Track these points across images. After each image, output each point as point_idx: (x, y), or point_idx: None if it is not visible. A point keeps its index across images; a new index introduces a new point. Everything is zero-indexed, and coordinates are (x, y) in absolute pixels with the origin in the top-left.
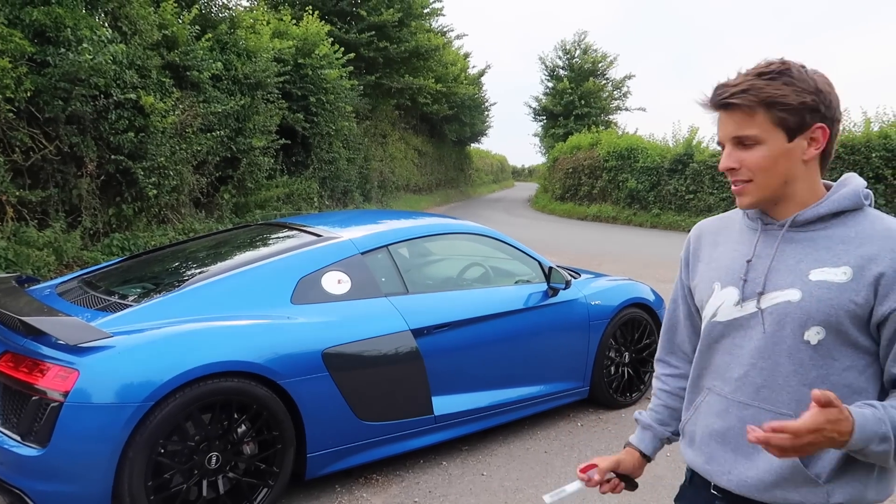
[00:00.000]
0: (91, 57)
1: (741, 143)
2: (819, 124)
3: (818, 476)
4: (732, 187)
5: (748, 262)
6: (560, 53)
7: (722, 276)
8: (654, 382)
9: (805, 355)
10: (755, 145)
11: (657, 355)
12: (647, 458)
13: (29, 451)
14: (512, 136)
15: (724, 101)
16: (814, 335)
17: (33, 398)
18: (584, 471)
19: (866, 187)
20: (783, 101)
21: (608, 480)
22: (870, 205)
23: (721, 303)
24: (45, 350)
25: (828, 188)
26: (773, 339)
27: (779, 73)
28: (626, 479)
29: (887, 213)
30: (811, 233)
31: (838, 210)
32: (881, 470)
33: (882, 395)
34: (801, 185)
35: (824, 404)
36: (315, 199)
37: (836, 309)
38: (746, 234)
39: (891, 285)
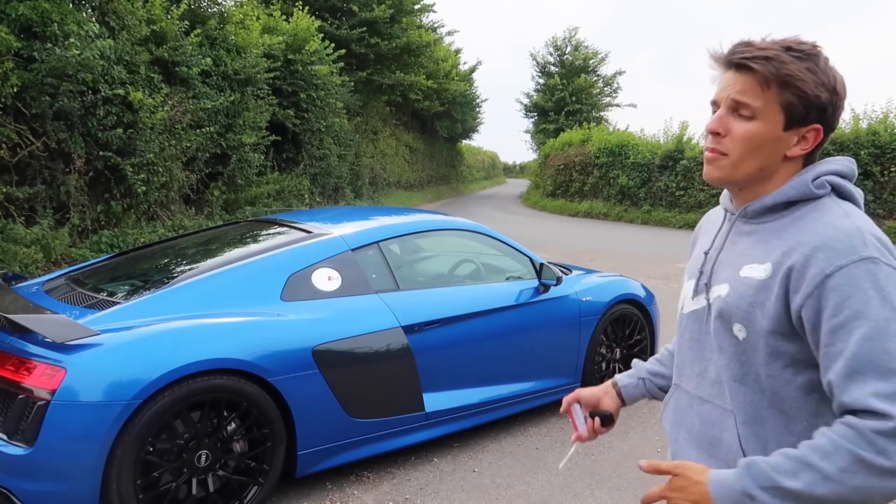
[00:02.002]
0: (78, 52)
1: (737, 110)
2: (816, 125)
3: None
4: (706, 153)
5: (705, 253)
6: (551, 50)
7: (690, 268)
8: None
9: (736, 350)
10: (751, 118)
11: None
12: (623, 402)
13: (15, 450)
14: (503, 132)
15: (743, 60)
16: (739, 331)
17: (20, 397)
18: (569, 413)
19: (837, 175)
20: (801, 86)
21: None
22: (830, 193)
23: (685, 295)
24: (32, 348)
25: None
26: (714, 334)
27: (807, 55)
28: (602, 416)
29: (876, 209)
30: (761, 225)
31: (784, 200)
32: None
33: (822, 407)
34: (776, 180)
35: (650, 471)
36: (306, 196)
37: (753, 307)
38: (717, 225)
39: (798, 281)
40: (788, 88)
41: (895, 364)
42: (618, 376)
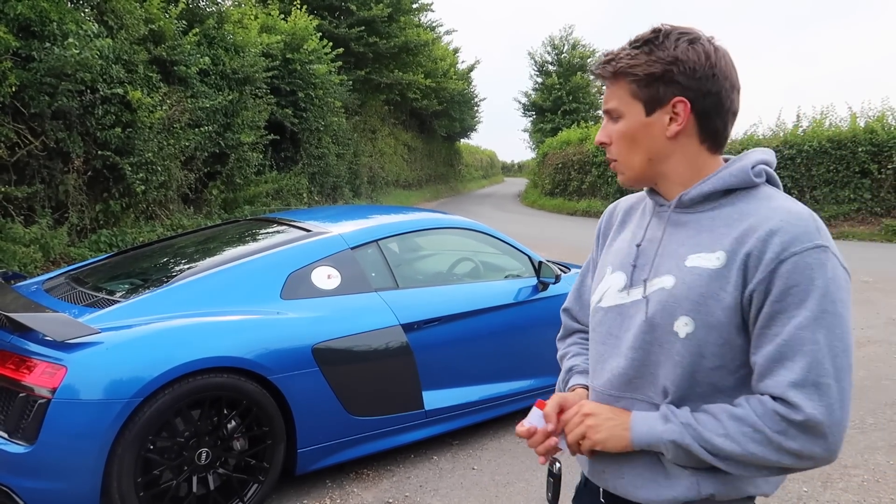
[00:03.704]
0: (77, 52)
1: (609, 115)
2: (679, 98)
3: (686, 466)
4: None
5: (638, 246)
6: (548, 49)
7: (615, 260)
8: (573, 349)
9: (673, 348)
10: (619, 118)
11: (566, 334)
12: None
13: (16, 448)
14: (501, 131)
15: (593, 72)
16: (682, 326)
17: (20, 395)
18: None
19: (766, 164)
20: (632, 71)
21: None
22: (765, 181)
23: (608, 287)
24: (33, 346)
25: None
26: (648, 328)
27: (645, 41)
28: None
29: (874, 207)
30: (699, 214)
31: (724, 188)
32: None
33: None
34: (674, 163)
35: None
36: (304, 195)
37: (705, 298)
38: (645, 216)
39: (756, 266)
40: (627, 78)
41: (824, 358)
42: (579, 380)
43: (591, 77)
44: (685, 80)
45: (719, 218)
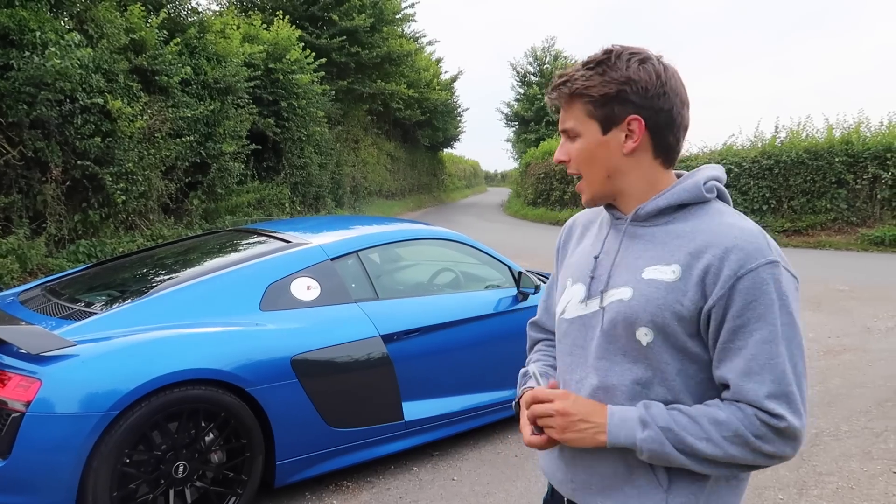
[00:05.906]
0: (59, 61)
1: (567, 134)
2: (633, 115)
3: (661, 481)
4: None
5: (595, 258)
6: (531, 60)
7: (574, 273)
8: (534, 356)
9: (639, 355)
10: (576, 137)
11: (531, 345)
12: None
13: None
14: (485, 141)
15: (548, 95)
16: (643, 336)
17: None
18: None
19: (717, 180)
20: (587, 92)
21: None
22: (716, 197)
23: (570, 299)
24: (6, 359)
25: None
26: (608, 338)
27: (598, 62)
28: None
29: (850, 216)
30: (653, 228)
31: (678, 203)
32: (716, 481)
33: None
34: (631, 179)
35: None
36: (287, 205)
37: (661, 309)
38: (603, 229)
39: (714, 282)
40: (582, 99)
41: (787, 368)
42: (533, 383)
43: (547, 98)
44: (638, 99)
45: (673, 232)
